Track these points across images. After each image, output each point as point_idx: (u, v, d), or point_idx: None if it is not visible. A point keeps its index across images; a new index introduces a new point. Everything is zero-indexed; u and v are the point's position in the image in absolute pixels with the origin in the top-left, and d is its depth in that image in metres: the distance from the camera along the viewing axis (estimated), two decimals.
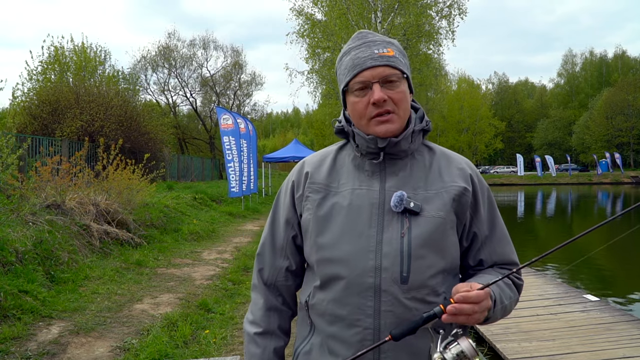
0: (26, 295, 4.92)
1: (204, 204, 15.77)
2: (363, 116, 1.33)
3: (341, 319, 1.27)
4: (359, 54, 1.33)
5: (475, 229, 1.38)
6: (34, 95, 20.03)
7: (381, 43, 1.35)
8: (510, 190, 45.18)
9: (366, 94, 1.31)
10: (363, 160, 1.38)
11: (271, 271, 1.48)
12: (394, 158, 1.36)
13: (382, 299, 1.24)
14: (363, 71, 1.31)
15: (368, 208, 1.31)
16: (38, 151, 12.91)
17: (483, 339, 5.27)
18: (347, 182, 1.36)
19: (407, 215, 1.29)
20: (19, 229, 6.18)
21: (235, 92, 46.49)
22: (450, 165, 1.40)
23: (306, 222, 1.38)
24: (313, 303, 1.35)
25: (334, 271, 1.29)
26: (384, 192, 1.32)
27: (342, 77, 1.38)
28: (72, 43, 26.54)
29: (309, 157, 1.49)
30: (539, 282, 7.53)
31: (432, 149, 1.44)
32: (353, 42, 1.38)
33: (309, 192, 1.39)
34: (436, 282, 1.28)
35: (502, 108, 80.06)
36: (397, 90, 1.31)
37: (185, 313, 5.24)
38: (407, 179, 1.34)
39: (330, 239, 1.31)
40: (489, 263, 1.41)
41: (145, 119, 20.63)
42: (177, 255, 8.63)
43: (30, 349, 4.02)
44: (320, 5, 22.96)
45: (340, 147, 1.47)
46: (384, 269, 1.25)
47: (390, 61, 1.32)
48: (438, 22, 23.32)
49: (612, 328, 5.21)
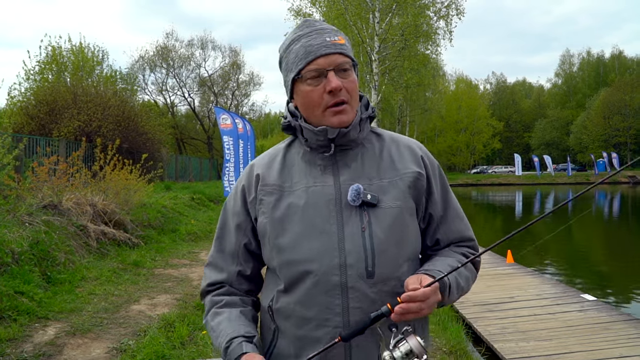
0: (22, 296, 4.90)
1: (201, 205, 15.75)
2: (317, 105, 1.29)
3: (309, 320, 1.25)
4: (310, 41, 1.28)
5: (430, 210, 1.38)
6: (31, 95, 19.99)
7: (331, 31, 1.31)
8: (508, 190, 45.24)
9: (320, 82, 1.27)
10: (313, 155, 1.35)
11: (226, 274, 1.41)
12: (344, 149, 1.34)
13: (350, 296, 1.23)
14: (317, 58, 1.26)
15: (325, 204, 1.28)
16: (35, 151, 12.86)
17: (480, 339, 5.28)
18: (300, 180, 1.33)
19: (366, 208, 1.27)
20: (15, 229, 6.16)
21: (233, 92, 46.46)
22: (400, 149, 1.38)
23: (263, 226, 1.34)
24: (278, 307, 1.31)
25: (299, 272, 1.26)
26: (339, 186, 1.30)
27: (292, 66, 1.31)
28: (69, 43, 26.51)
29: (257, 158, 1.45)
30: (536, 282, 7.54)
31: (380, 135, 1.42)
32: (301, 29, 1.33)
33: (262, 194, 1.35)
34: (402, 272, 1.27)
35: (500, 108, 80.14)
36: (350, 79, 1.29)
37: (182, 314, 5.23)
38: (360, 170, 1.32)
39: (290, 240, 1.28)
40: (446, 242, 1.41)
41: (143, 119, 20.58)
42: (174, 255, 8.61)
43: (26, 351, 4.00)
44: (318, 5, 22.97)
45: (288, 145, 1.43)
46: (349, 265, 1.23)
47: (343, 49, 1.29)
48: (436, 23, 23.35)
49: (610, 328, 5.21)
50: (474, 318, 5.81)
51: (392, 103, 33.51)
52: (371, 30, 20.67)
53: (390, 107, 35.48)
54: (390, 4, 20.42)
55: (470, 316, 5.88)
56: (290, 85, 1.34)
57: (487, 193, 42.57)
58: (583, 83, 77.59)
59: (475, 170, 69.46)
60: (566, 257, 12.59)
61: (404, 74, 23.04)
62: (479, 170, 68.49)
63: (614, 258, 12.07)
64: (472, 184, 55.83)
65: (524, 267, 8.77)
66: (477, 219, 22.30)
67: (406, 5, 20.57)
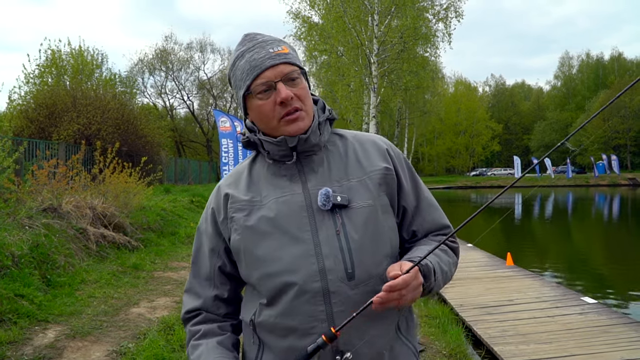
0: (22, 299, 4.90)
1: (201, 207, 15.74)
2: (272, 118, 1.29)
3: (293, 330, 1.23)
4: (254, 56, 1.29)
5: (403, 202, 1.38)
6: (31, 98, 19.99)
7: (273, 42, 1.32)
8: (507, 193, 45.19)
9: (270, 95, 1.27)
10: (277, 166, 1.35)
11: (203, 300, 1.41)
12: (308, 155, 1.33)
13: (333, 301, 1.21)
14: (264, 71, 1.27)
15: (297, 213, 1.27)
16: (35, 154, 12.85)
17: (480, 342, 5.27)
18: (269, 194, 1.32)
19: (338, 211, 1.27)
20: (15, 232, 6.16)
21: (232, 95, 46.41)
22: (365, 147, 1.38)
23: (237, 243, 1.32)
24: (260, 321, 1.29)
25: (279, 284, 1.24)
26: (308, 192, 1.29)
27: (240, 83, 1.32)
28: (69, 46, 26.56)
29: (223, 179, 1.45)
30: (536, 284, 7.54)
31: (343, 135, 1.42)
32: (243, 45, 1.33)
33: (232, 212, 1.33)
34: (382, 269, 1.25)
35: (499, 110, 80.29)
36: (300, 87, 1.29)
37: None
38: (327, 174, 1.32)
39: (266, 253, 1.27)
40: (422, 233, 1.40)
41: (142, 122, 20.57)
42: (174, 258, 8.61)
43: (26, 354, 4.00)
44: (317, 8, 23.00)
45: (252, 160, 1.43)
46: (328, 270, 1.22)
47: (288, 58, 1.29)
48: (435, 25, 23.38)
49: (610, 331, 5.21)
50: (474, 321, 5.80)
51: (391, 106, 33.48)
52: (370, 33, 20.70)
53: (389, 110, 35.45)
54: (389, 6, 20.44)
55: (470, 319, 5.88)
56: (242, 102, 1.35)
57: (487, 195, 42.57)
58: (582, 85, 77.69)
59: (475, 172, 69.53)
60: (566, 259, 12.59)
61: (403, 76, 23.05)
62: (478, 173, 68.55)
63: (614, 261, 12.07)
64: (471, 187, 55.87)
65: (523, 270, 8.76)
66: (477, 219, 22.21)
67: (405, 8, 20.58)
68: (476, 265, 9.23)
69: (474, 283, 7.71)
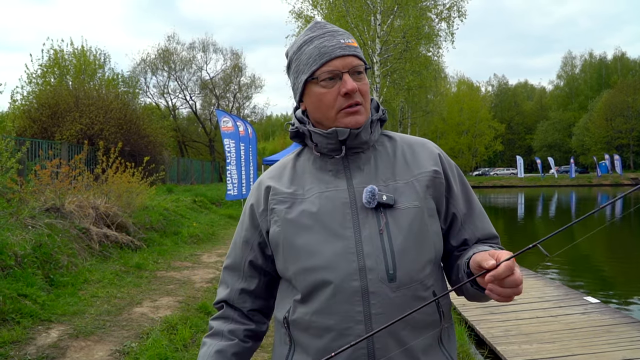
0: (25, 299, 4.91)
1: (203, 207, 15.76)
2: (331, 107, 1.26)
3: (330, 330, 1.18)
4: (324, 43, 1.26)
5: (453, 209, 1.33)
6: (34, 98, 20.04)
7: (344, 33, 1.29)
8: (510, 193, 45.16)
9: (334, 84, 1.24)
10: (324, 160, 1.32)
11: (229, 291, 1.42)
12: (356, 152, 1.30)
13: (372, 302, 1.16)
14: (332, 60, 1.24)
15: (340, 209, 1.24)
16: (37, 154, 12.91)
17: (483, 341, 5.27)
18: (313, 187, 1.29)
19: (382, 210, 1.22)
20: (18, 232, 6.17)
21: (235, 95, 46.56)
22: (414, 149, 1.35)
23: (276, 235, 1.29)
24: (294, 318, 1.24)
25: (316, 280, 1.20)
26: (352, 189, 1.26)
27: (304, 67, 1.27)
28: (71, 46, 26.60)
29: (265, 173, 1.42)
30: (539, 284, 7.53)
31: (392, 137, 1.39)
32: (313, 31, 1.30)
33: (274, 204, 1.31)
34: (424, 274, 1.22)
35: (502, 110, 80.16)
36: (363, 82, 1.27)
37: (185, 316, 5.23)
38: (373, 172, 1.29)
39: (305, 247, 1.23)
40: (473, 241, 1.34)
41: (144, 122, 20.61)
42: (176, 258, 8.62)
43: (29, 353, 4.01)
44: (320, 8, 23.01)
45: (298, 154, 1.40)
46: (368, 269, 1.18)
47: (357, 52, 1.28)
48: (437, 25, 23.39)
49: (612, 330, 5.20)
50: (477, 320, 5.80)
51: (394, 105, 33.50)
52: (373, 33, 20.69)
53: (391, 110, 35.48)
54: (392, 6, 20.43)
55: (473, 319, 5.88)
56: (301, 88, 1.31)
57: (489, 195, 42.51)
58: (585, 85, 77.54)
59: (477, 172, 69.43)
60: (569, 259, 12.57)
61: (405, 76, 23.06)
62: (481, 173, 68.46)
63: (616, 260, 12.05)
64: (474, 186, 55.75)
65: (526, 270, 8.75)
66: None
67: (408, 8, 20.58)
68: None
69: None
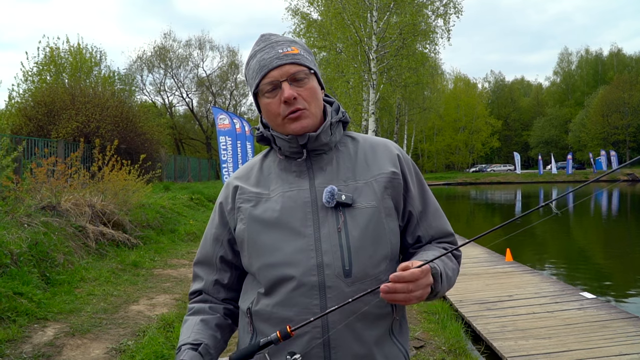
0: (21, 297, 4.90)
1: (200, 205, 15.74)
2: (277, 115, 1.33)
3: (288, 321, 1.25)
4: (263, 56, 1.34)
5: (409, 207, 1.40)
6: (30, 96, 19.97)
7: (284, 42, 1.36)
8: (507, 189, 45.26)
9: (277, 94, 1.32)
10: (289, 162, 1.39)
11: (204, 283, 1.49)
12: (318, 153, 1.38)
13: (328, 296, 1.24)
14: (270, 71, 1.32)
15: (301, 208, 1.32)
16: (33, 152, 12.85)
17: (480, 337, 5.28)
18: (277, 187, 1.37)
19: (341, 209, 1.30)
20: (14, 230, 6.15)
21: (231, 92, 46.50)
22: (375, 150, 1.42)
23: (241, 232, 1.37)
24: (257, 309, 1.32)
25: (278, 275, 1.28)
26: (314, 189, 1.33)
27: (251, 81, 1.38)
28: (67, 44, 26.54)
29: (234, 174, 1.50)
30: (535, 280, 7.55)
31: (355, 138, 1.46)
32: (257, 45, 1.39)
33: (240, 202, 1.39)
34: (379, 270, 1.29)
35: (499, 106, 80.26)
36: (306, 87, 1.33)
37: (181, 314, 5.23)
38: (335, 173, 1.36)
39: (268, 244, 1.31)
40: (427, 239, 1.43)
41: (141, 120, 20.57)
42: (173, 255, 8.61)
43: (25, 352, 4.00)
44: (316, 4, 22.95)
45: (265, 155, 1.48)
46: (326, 265, 1.25)
47: (295, 59, 1.33)
48: (434, 21, 23.34)
49: (608, 325, 5.22)
50: (473, 316, 5.81)
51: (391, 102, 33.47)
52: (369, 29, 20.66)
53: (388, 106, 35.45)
54: (388, 2, 20.39)
55: (469, 315, 5.89)
56: (255, 100, 1.42)
57: (486, 192, 42.60)
58: (581, 81, 77.64)
59: (474, 168, 69.51)
60: (565, 255, 12.61)
61: (402, 72, 23.03)
62: (478, 169, 68.52)
63: (612, 256, 12.08)
64: (471, 183, 55.87)
65: (522, 265, 8.77)
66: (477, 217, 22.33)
67: (404, 4, 20.54)
68: (476, 261, 9.24)
69: (474, 279, 7.72)
